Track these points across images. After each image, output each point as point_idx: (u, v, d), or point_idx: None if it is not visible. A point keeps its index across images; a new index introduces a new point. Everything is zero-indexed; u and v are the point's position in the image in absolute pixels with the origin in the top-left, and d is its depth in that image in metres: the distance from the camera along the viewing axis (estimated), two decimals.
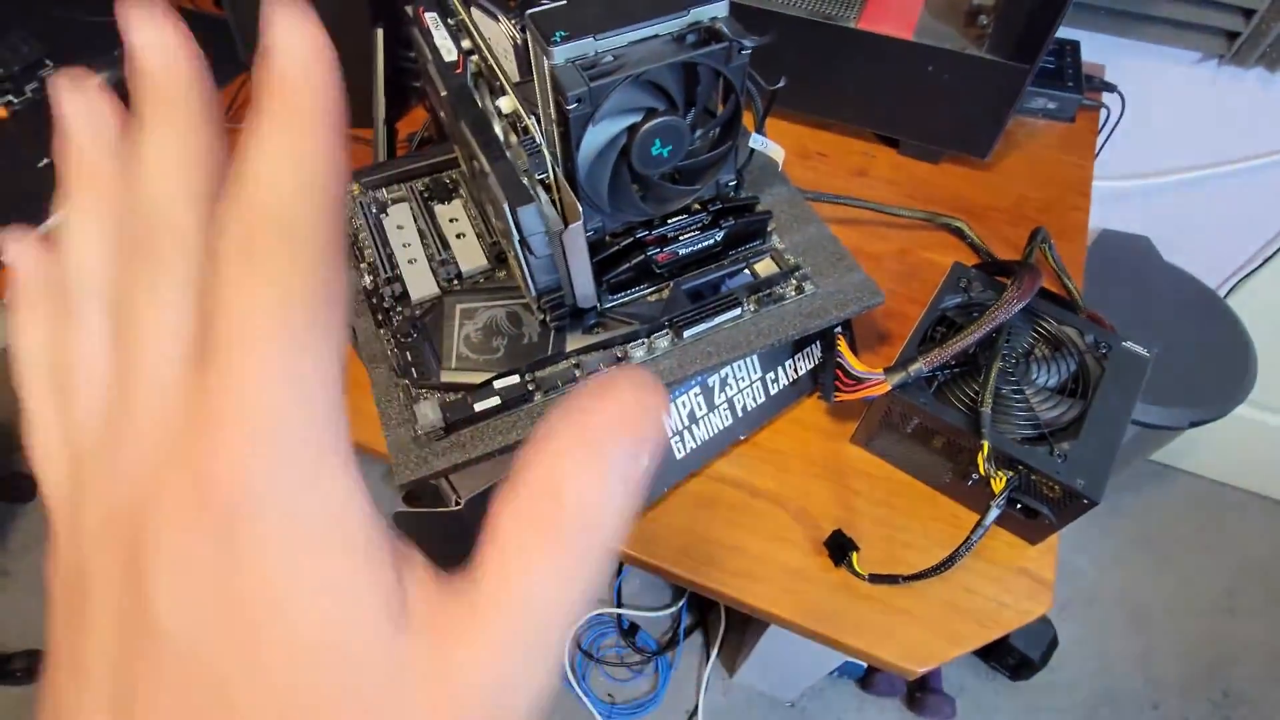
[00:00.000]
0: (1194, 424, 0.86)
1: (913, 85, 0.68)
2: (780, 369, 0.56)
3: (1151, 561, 1.38)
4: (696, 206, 0.52)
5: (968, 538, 0.44)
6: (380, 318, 0.50)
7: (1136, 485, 1.45)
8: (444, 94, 0.45)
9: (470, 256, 0.53)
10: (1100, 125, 0.81)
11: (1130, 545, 1.39)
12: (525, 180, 0.40)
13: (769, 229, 0.54)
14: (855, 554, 0.49)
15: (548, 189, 0.43)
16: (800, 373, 0.57)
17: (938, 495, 0.54)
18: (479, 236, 0.55)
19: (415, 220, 0.56)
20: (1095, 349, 0.51)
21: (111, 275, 0.14)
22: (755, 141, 0.54)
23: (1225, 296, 1.06)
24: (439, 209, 0.56)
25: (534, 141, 0.40)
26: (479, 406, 0.45)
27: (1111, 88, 0.82)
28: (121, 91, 0.15)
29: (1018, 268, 0.50)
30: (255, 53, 0.13)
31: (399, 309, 0.51)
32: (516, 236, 0.40)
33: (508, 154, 0.42)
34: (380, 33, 0.65)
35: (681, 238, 0.50)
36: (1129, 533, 1.40)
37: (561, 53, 0.40)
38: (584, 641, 1.29)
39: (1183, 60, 0.83)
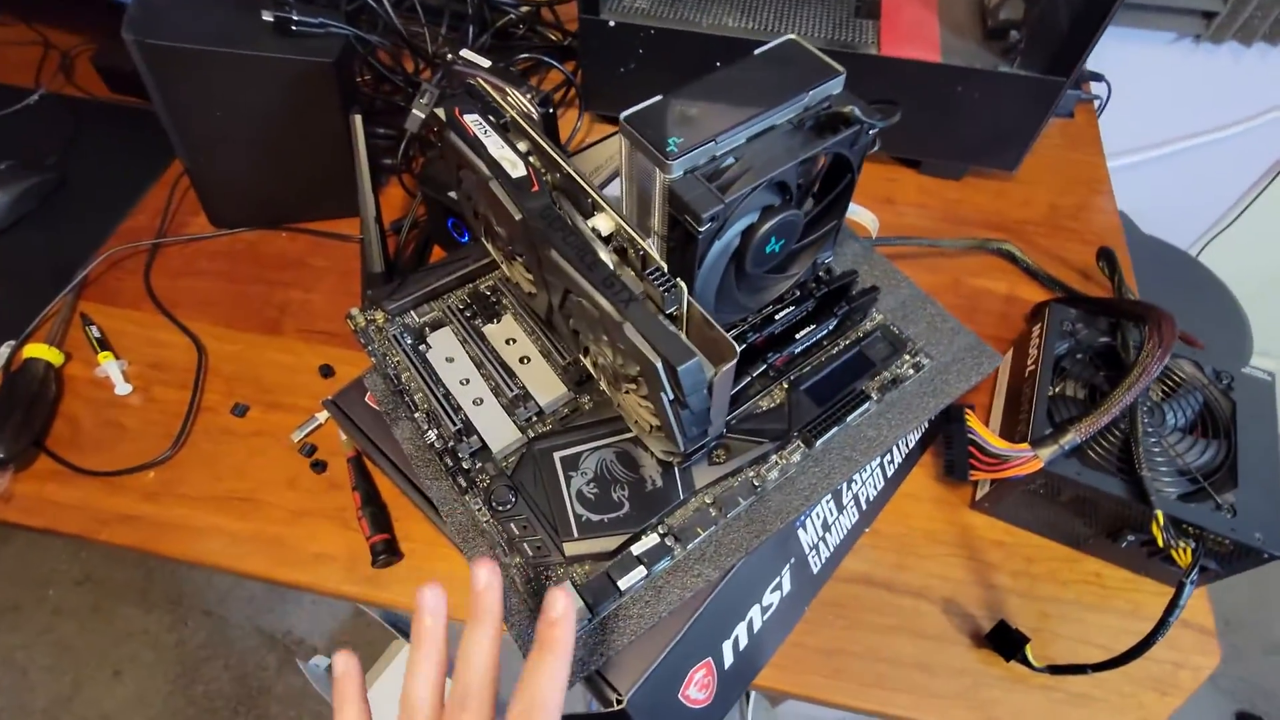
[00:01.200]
0: None
1: (939, 105, 0.65)
2: (894, 448, 0.51)
3: None
4: (796, 292, 0.46)
5: (1163, 619, 0.41)
6: (463, 481, 0.42)
7: None
8: (519, 217, 0.37)
9: (545, 385, 0.45)
10: (1096, 114, 0.80)
11: None
12: (669, 325, 0.33)
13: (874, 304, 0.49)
14: (1028, 645, 0.45)
15: (674, 320, 0.36)
16: (910, 445, 0.52)
17: (1076, 554, 0.51)
18: (546, 357, 0.47)
19: (465, 347, 0.47)
20: (1217, 381, 0.49)
21: (435, 705, 0.30)
22: (849, 210, 0.49)
23: (1196, 256, 1.10)
24: (489, 329, 0.48)
25: (663, 273, 0.33)
26: (625, 582, 0.38)
27: (1099, 77, 0.81)
28: None
29: (1146, 313, 0.47)
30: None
31: (479, 465, 0.43)
32: (670, 397, 0.33)
33: (631, 290, 0.35)
34: (359, 119, 0.56)
35: (797, 335, 0.44)
36: None
37: (680, 164, 0.34)
38: None
39: (1160, 41, 0.83)
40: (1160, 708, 0.46)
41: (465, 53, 0.53)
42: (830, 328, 0.45)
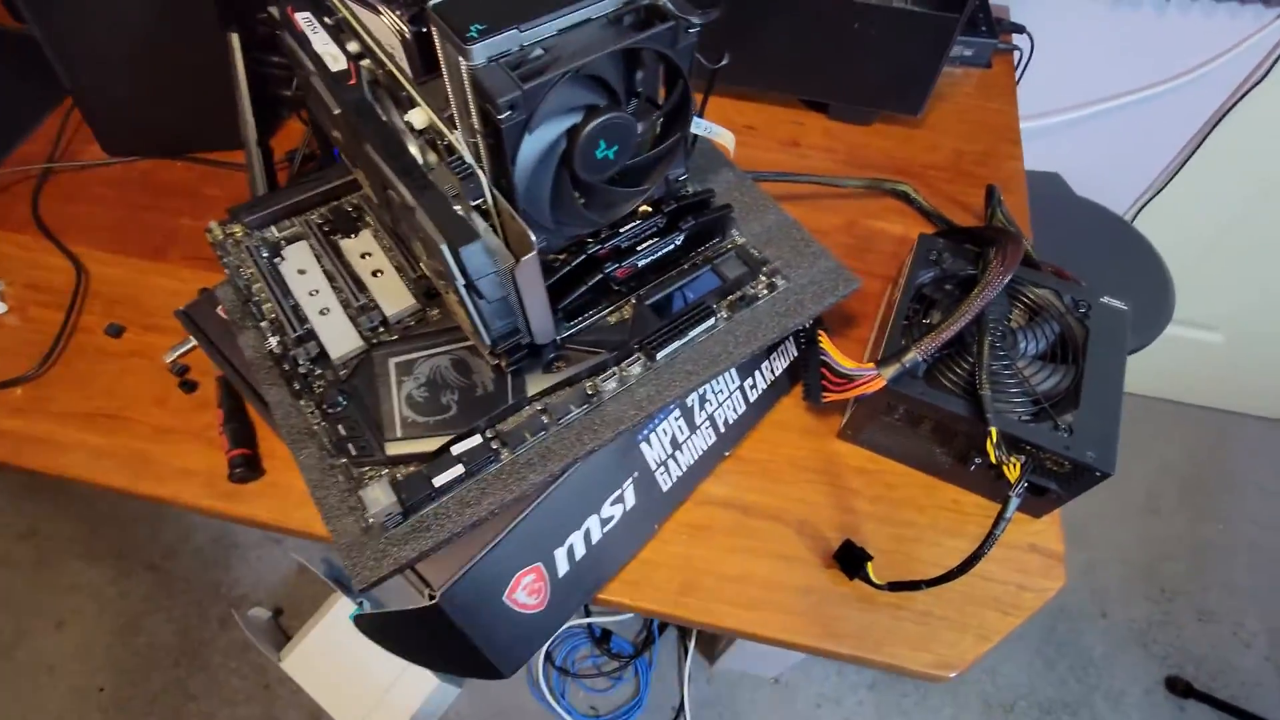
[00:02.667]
0: (1131, 351, 0.88)
1: (840, 45, 0.64)
2: (757, 373, 0.51)
3: None
4: (647, 209, 0.46)
5: (991, 532, 0.42)
6: (297, 385, 0.42)
7: None
8: (337, 112, 0.37)
9: (394, 297, 0.45)
10: (1015, 66, 0.80)
11: None
12: (460, 210, 0.33)
13: (730, 223, 0.49)
14: (869, 564, 0.46)
15: (484, 214, 0.36)
16: (777, 373, 0.52)
17: (936, 481, 0.51)
18: (399, 270, 0.47)
19: (319, 261, 0.47)
20: (1075, 310, 0.49)
21: None
22: (699, 127, 0.48)
23: (1132, 221, 1.10)
24: (345, 244, 0.48)
25: (463, 162, 0.33)
26: (440, 480, 0.38)
27: (1020, 28, 0.81)
28: None
29: (997, 235, 0.47)
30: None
31: (318, 372, 0.43)
32: (460, 281, 0.33)
33: (430, 178, 0.35)
34: (235, 38, 0.55)
35: (639, 248, 0.44)
36: None
37: (482, 50, 0.33)
38: (558, 658, 1.24)
39: None
40: (1000, 625, 0.46)
41: None
42: (678, 243, 0.45)
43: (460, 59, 0.34)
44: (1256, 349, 1.34)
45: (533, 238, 0.33)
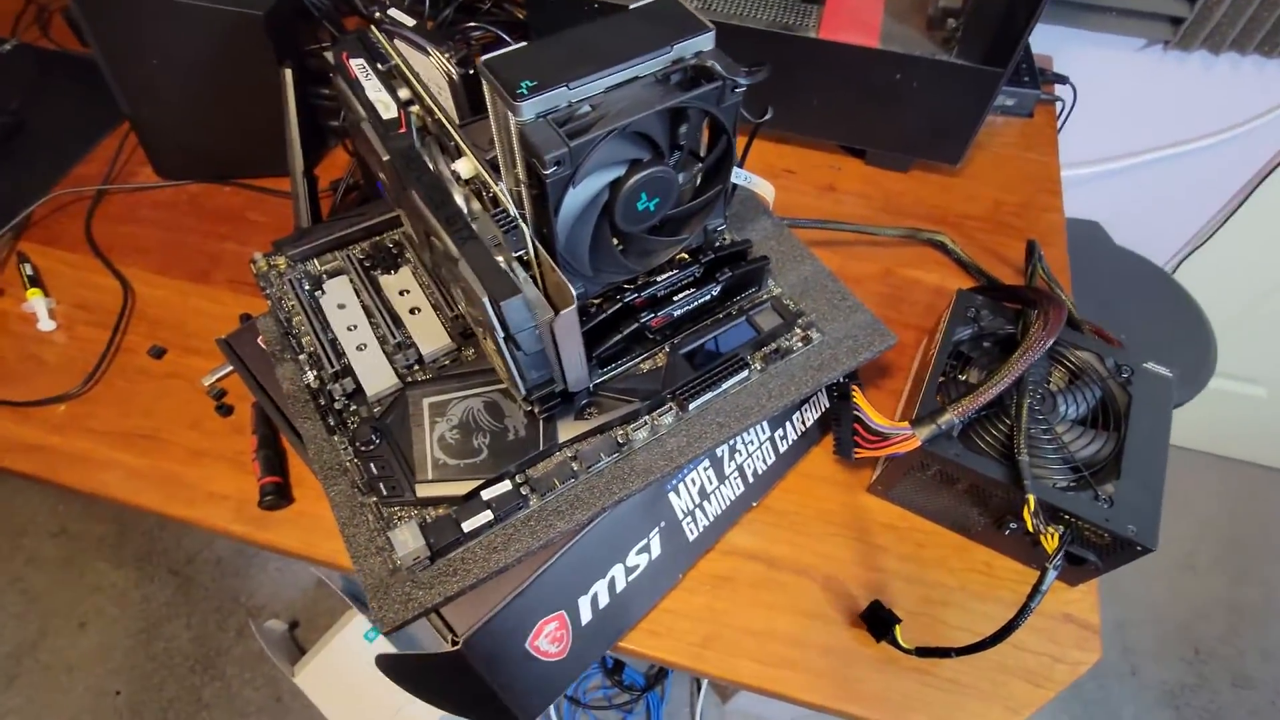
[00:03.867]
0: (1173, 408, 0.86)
1: (880, 94, 0.64)
2: (789, 424, 0.51)
3: None
4: (684, 257, 0.46)
5: (1026, 604, 0.40)
6: (332, 421, 0.43)
7: None
8: (386, 158, 0.37)
9: (430, 335, 0.46)
10: (1057, 116, 0.79)
11: None
12: (502, 261, 0.34)
13: (767, 275, 0.48)
14: (898, 627, 0.45)
15: (525, 265, 0.36)
16: (808, 424, 0.52)
17: (968, 543, 0.50)
18: (436, 309, 0.47)
19: (359, 295, 0.48)
20: (1117, 374, 0.48)
21: None
22: (738, 177, 0.49)
23: (1173, 273, 1.08)
24: (385, 279, 0.49)
25: (507, 214, 0.34)
26: (469, 525, 0.38)
27: (1064, 79, 0.80)
28: None
29: (1037, 298, 0.47)
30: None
31: (353, 408, 0.43)
32: (500, 334, 0.33)
33: (474, 228, 0.36)
34: (288, 72, 0.57)
35: (675, 297, 0.44)
36: None
37: (531, 107, 0.34)
38: (570, 688, 1.22)
39: (1128, 47, 0.82)
40: (1031, 698, 0.45)
41: (392, 11, 0.54)
42: (714, 293, 0.45)
43: (509, 114, 0.35)
44: None
45: (573, 291, 0.33)
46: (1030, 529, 0.42)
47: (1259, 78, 0.82)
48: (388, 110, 0.39)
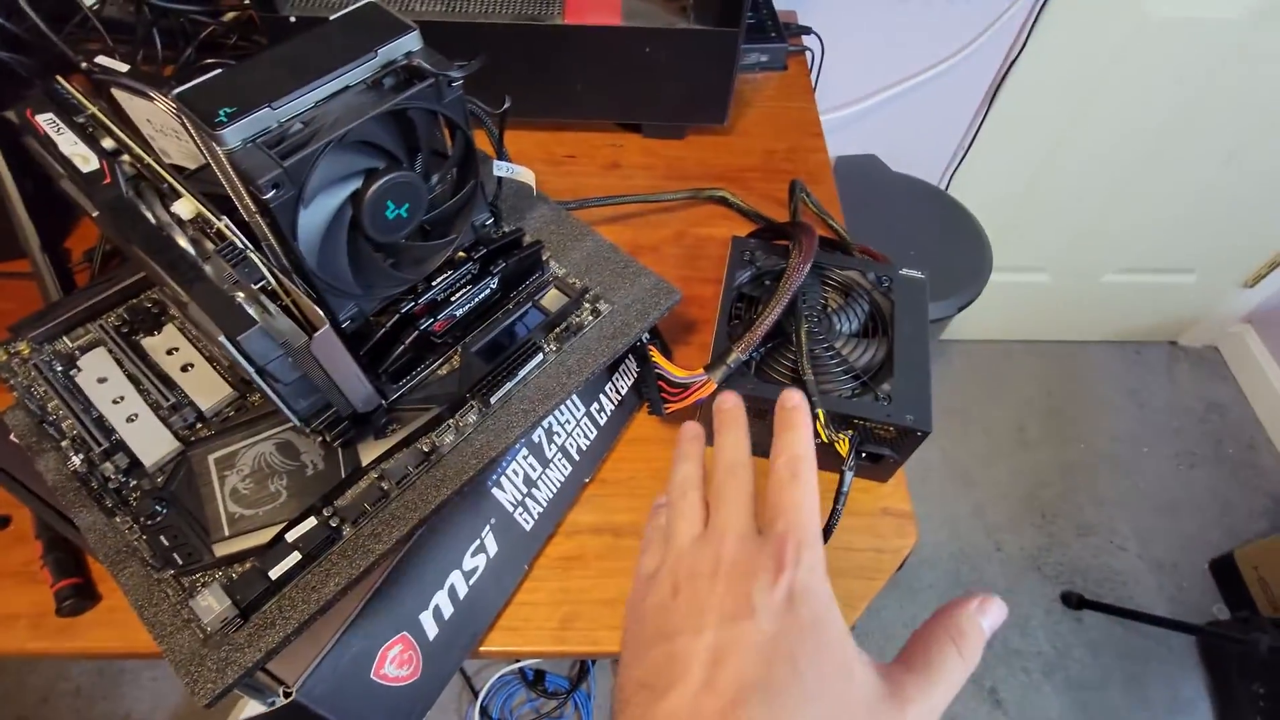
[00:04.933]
0: (961, 308, 0.96)
1: (636, 69, 0.67)
2: (602, 396, 0.52)
3: (959, 426, 1.56)
4: (460, 256, 0.46)
5: (833, 509, 0.44)
6: (110, 502, 0.39)
7: None
8: (95, 214, 0.35)
9: (208, 389, 0.43)
10: (809, 66, 0.86)
11: (939, 419, 1.56)
12: (243, 296, 0.32)
13: (544, 258, 0.49)
14: None
15: (273, 295, 0.35)
16: (623, 392, 0.54)
17: None
18: (212, 361, 0.45)
19: (121, 365, 0.44)
20: (880, 285, 0.53)
21: (700, 478, 0.35)
22: (500, 169, 0.49)
23: (947, 188, 1.19)
24: (148, 342, 0.46)
25: (234, 247, 0.32)
26: (276, 572, 0.36)
27: (808, 30, 0.87)
28: None
29: (793, 229, 0.50)
30: None
31: (132, 484, 0.40)
32: (250, 369, 0.32)
33: (206, 268, 0.34)
34: None
35: (454, 298, 0.44)
36: (934, 408, 1.57)
37: (234, 134, 0.33)
38: (494, 710, 1.20)
39: None
40: (866, 590, 0.49)
41: (101, 59, 0.50)
42: (493, 286, 0.46)
43: (214, 144, 0.33)
44: (1078, 281, 1.49)
45: (321, 311, 0.33)
46: (825, 439, 0.46)
47: (969, 4, 0.92)
48: (88, 163, 0.36)
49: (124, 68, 0.51)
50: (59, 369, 0.44)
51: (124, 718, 1.20)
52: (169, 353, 0.45)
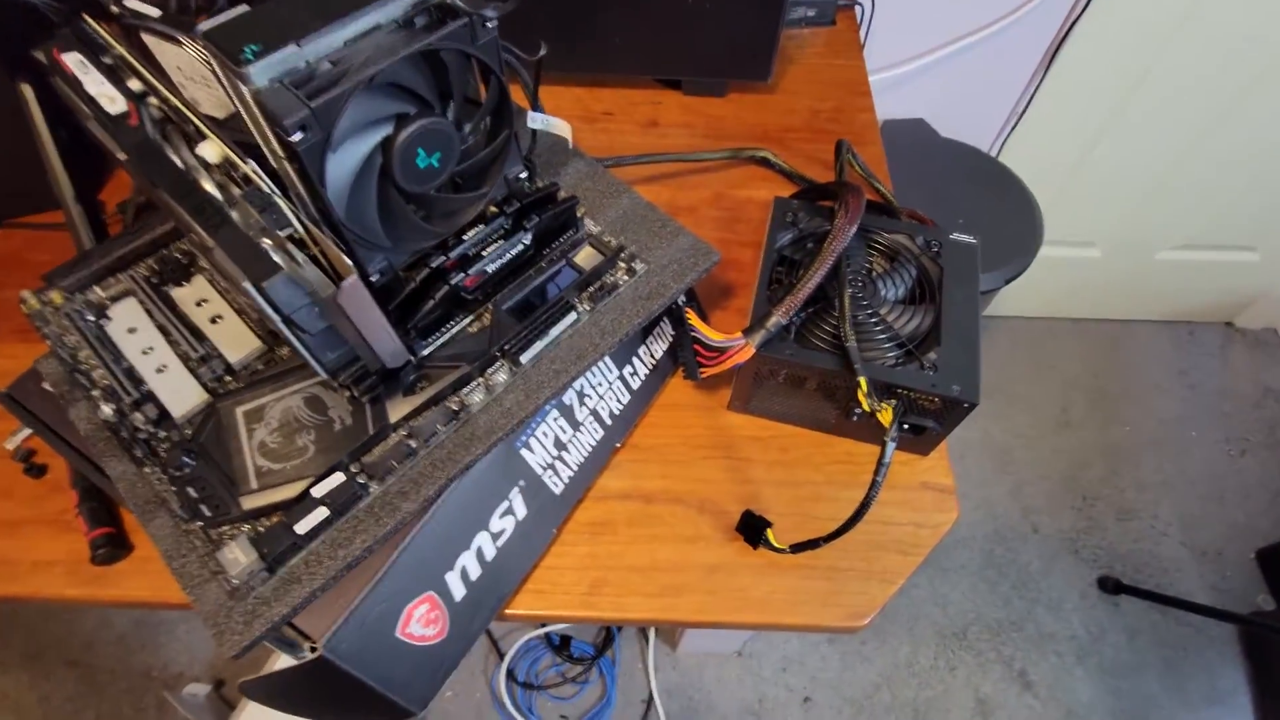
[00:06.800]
0: (1009, 280, 0.92)
1: (679, 21, 0.64)
2: (636, 359, 0.51)
3: (1000, 404, 1.52)
4: (493, 210, 0.45)
5: (874, 480, 0.42)
6: (139, 453, 0.39)
7: None
8: (122, 157, 0.34)
9: (236, 342, 0.43)
10: (859, 21, 0.82)
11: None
12: (267, 243, 0.31)
13: (579, 215, 0.48)
14: (769, 530, 0.46)
15: (301, 244, 0.34)
16: (658, 356, 0.52)
17: (828, 438, 0.52)
18: (241, 313, 0.44)
19: (151, 316, 0.44)
20: (928, 250, 0.51)
21: None
22: (535, 121, 0.47)
23: (997, 155, 1.14)
24: (178, 293, 0.45)
25: (261, 192, 0.31)
26: (303, 527, 0.36)
27: None
28: None
29: (839, 189, 0.48)
30: None
31: (161, 435, 0.40)
32: (276, 318, 0.31)
33: (233, 214, 0.33)
34: (27, 88, 0.51)
35: (485, 252, 0.43)
36: None
37: (260, 72, 0.31)
38: (520, 673, 1.22)
39: None
40: (902, 566, 0.47)
41: (131, 2, 0.49)
42: (526, 242, 0.44)
43: (240, 84, 0.32)
44: (1131, 257, 1.43)
45: (348, 259, 0.32)
46: (867, 409, 0.44)
47: None
48: (114, 104, 0.35)
49: (155, 12, 0.50)
50: (90, 318, 0.44)
51: (162, 667, 1.24)
52: (198, 304, 0.44)
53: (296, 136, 0.32)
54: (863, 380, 0.43)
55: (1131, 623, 1.29)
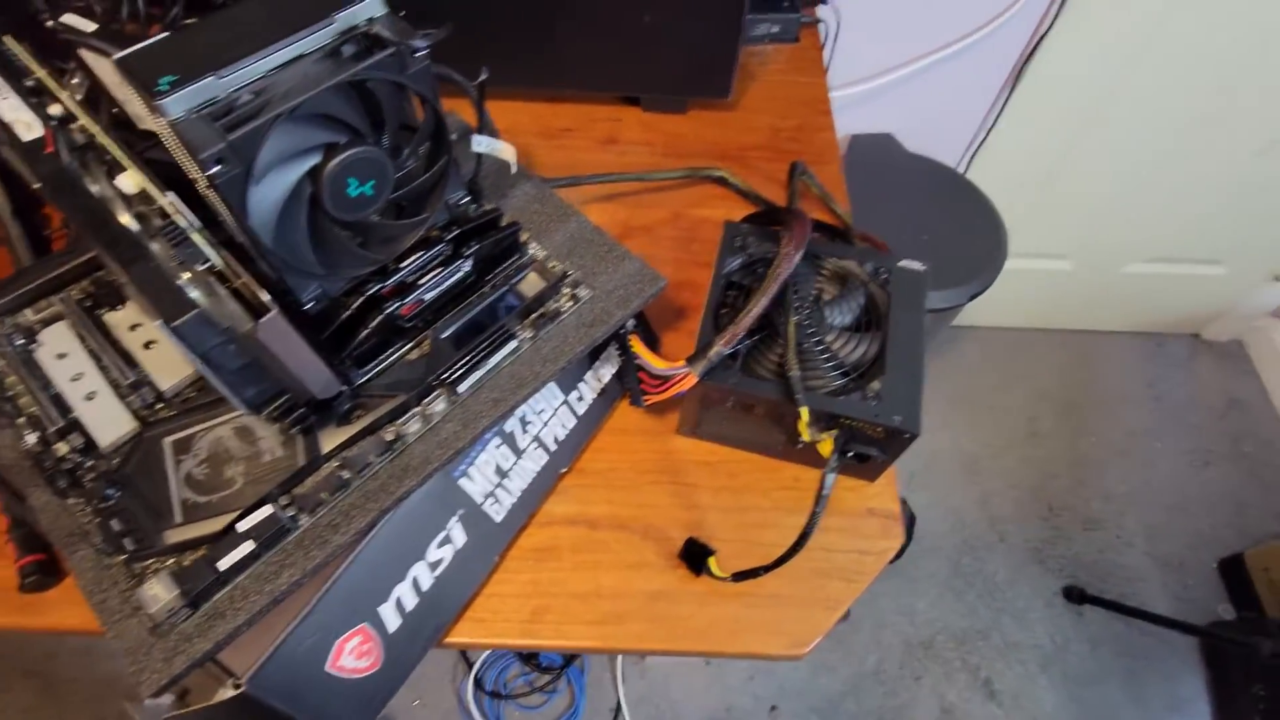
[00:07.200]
0: (973, 296, 0.93)
1: (636, 38, 0.64)
2: (583, 384, 0.50)
3: (968, 414, 1.53)
4: (435, 235, 0.44)
5: (813, 511, 0.42)
6: (63, 483, 0.38)
7: (940, 352, 1.59)
8: (36, 185, 0.33)
9: (170, 368, 0.42)
10: (822, 39, 0.82)
11: (949, 406, 1.53)
12: (188, 278, 0.31)
13: (524, 240, 0.47)
14: (712, 558, 0.46)
15: (221, 277, 0.33)
16: (604, 380, 0.52)
17: (776, 463, 0.52)
18: None
19: (83, 341, 0.43)
20: (876, 276, 0.51)
21: None
22: (479, 145, 0.47)
23: (966, 170, 1.15)
24: (111, 317, 0.44)
25: (176, 227, 0.31)
26: (225, 562, 0.35)
27: (823, 0, 0.83)
28: None
29: (785, 215, 0.48)
30: None
31: (87, 464, 0.39)
32: (193, 356, 0.30)
33: (154, 247, 0.32)
34: None
35: (423, 280, 0.42)
36: (944, 395, 1.54)
37: (176, 103, 0.31)
38: (488, 683, 1.21)
39: None
40: (846, 593, 0.48)
41: (67, 17, 0.48)
42: (466, 269, 0.44)
43: (158, 115, 0.31)
44: (1101, 270, 1.44)
45: (265, 297, 0.31)
46: (808, 439, 0.44)
47: None
48: (30, 131, 0.34)
49: (91, 26, 0.49)
50: (20, 342, 0.43)
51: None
52: (132, 329, 0.44)
53: (214, 170, 0.31)
54: (804, 411, 0.43)
55: (1095, 632, 1.31)
